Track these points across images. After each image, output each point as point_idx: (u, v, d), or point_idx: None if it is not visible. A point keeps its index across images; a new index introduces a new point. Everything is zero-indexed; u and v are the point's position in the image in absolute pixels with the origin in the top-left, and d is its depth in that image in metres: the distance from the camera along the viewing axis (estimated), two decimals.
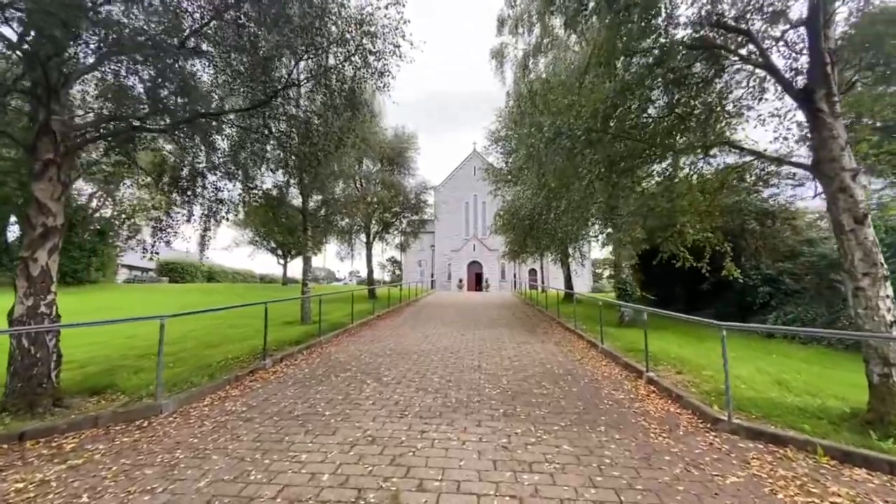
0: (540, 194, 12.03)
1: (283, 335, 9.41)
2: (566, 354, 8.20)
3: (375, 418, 4.51)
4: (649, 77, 5.70)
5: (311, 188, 13.12)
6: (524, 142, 13.26)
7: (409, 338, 9.91)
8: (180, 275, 36.59)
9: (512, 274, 41.80)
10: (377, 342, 9.36)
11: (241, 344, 8.49)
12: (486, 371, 6.70)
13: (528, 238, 16.02)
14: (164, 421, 4.49)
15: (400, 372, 6.58)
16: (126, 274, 40.45)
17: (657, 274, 16.43)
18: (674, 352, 7.92)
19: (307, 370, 6.78)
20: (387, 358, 7.62)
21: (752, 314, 12.20)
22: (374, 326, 11.97)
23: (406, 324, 12.53)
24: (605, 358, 7.90)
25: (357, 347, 8.72)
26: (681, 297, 17.66)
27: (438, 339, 9.65)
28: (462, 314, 15.19)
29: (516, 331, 11.19)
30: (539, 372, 6.70)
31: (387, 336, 10.24)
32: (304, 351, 8.24)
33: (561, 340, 9.78)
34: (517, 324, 12.68)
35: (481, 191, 47.32)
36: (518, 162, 13.77)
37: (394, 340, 9.56)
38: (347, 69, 7.29)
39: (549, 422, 4.47)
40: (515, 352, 8.31)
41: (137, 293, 20.66)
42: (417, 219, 22.69)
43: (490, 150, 20.96)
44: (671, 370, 6.59)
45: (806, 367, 7.58)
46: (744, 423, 4.32)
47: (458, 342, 9.31)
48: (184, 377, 5.89)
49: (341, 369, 6.79)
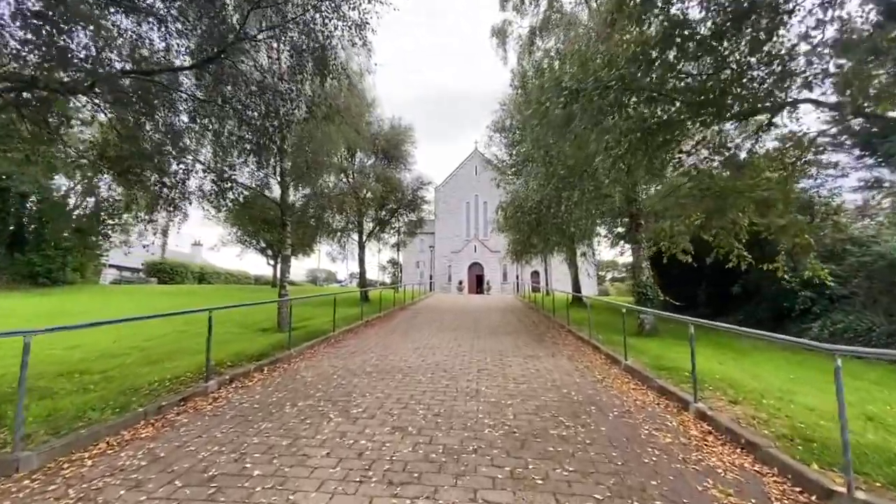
0: (548, 185, 10.60)
1: (247, 346, 8.00)
2: (584, 373, 6.75)
3: (323, 485, 3.08)
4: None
5: (290, 178, 11.73)
6: (529, 124, 11.88)
7: (398, 349, 8.48)
8: (170, 276, 35.22)
9: (515, 276, 40.33)
10: (358, 355, 7.93)
11: (195, 358, 7.07)
12: (486, 398, 5.26)
13: (534, 235, 14.59)
14: (14, 486, 3.07)
15: (376, 400, 5.15)
16: (115, 274, 39.19)
17: (675, 275, 14.98)
18: (716, 370, 6.48)
19: (258, 396, 5.35)
20: (364, 378, 6.19)
21: (790, 322, 10.73)
22: (360, 334, 10.54)
23: (397, 331, 11.10)
24: (631, 378, 6.45)
25: (332, 363, 7.29)
26: (703, 301, 16.20)
27: (431, 352, 8.21)
28: (460, 320, 13.75)
29: (522, 341, 9.75)
30: (554, 400, 5.26)
31: (372, 347, 8.81)
32: (266, 367, 6.81)
33: (575, 353, 8.34)
34: (522, 332, 11.24)
35: (483, 191, 45.95)
36: (524, 148, 12.36)
37: (378, 353, 8.13)
38: (316, 20, 5.89)
39: (577, 492, 3.04)
40: (522, 369, 6.87)
41: (112, 295, 19.30)
42: (415, 217, 21.27)
43: (493, 142, 19.60)
44: (722, 397, 5.15)
45: (888, 393, 6.11)
46: (875, 501, 2.86)
47: (453, 356, 7.87)
48: (90, 406, 4.48)
49: (303, 395, 5.37)
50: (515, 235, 16.29)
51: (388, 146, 19.30)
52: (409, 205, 20.55)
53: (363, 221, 19.64)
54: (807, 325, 9.94)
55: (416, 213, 21.11)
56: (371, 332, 11.05)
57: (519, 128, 17.16)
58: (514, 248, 17.41)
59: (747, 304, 13.17)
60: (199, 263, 41.73)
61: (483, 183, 44.53)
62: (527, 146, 11.50)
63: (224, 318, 12.40)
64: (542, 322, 13.68)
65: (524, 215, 12.76)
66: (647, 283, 10.49)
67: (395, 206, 20.43)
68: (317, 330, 10.14)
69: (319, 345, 8.92)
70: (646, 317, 10.40)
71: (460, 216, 45.49)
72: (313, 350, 8.40)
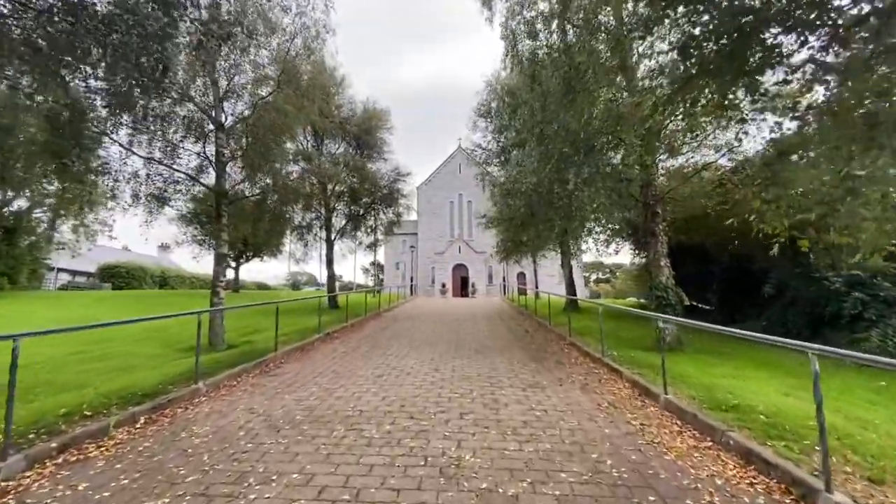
0: (548, 164, 8.60)
1: (148, 376, 5.76)
2: (611, 415, 4.72)
3: None
4: None
5: (227, 160, 9.45)
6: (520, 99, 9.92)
7: (353, 378, 6.32)
8: (125, 280, 32.10)
9: (501, 278, 38.45)
10: (295, 389, 5.74)
11: (58, 399, 4.78)
12: (472, 481, 3.17)
13: (524, 231, 12.59)
14: None
15: (285, 492, 3.01)
16: (65, 279, 35.70)
17: (681, 275, 13.23)
18: (797, 409, 4.51)
19: (86, 487, 3.13)
20: (284, 437, 4.03)
21: (832, 330, 8.95)
22: (310, 354, 8.32)
23: (361, 348, 8.92)
24: (682, 424, 4.45)
25: (252, 404, 5.09)
26: (714, 305, 14.48)
27: (397, 382, 6.08)
28: (441, 330, 11.63)
29: (517, 360, 7.69)
30: (584, 480, 3.20)
31: (319, 373, 6.62)
32: (146, 416, 4.57)
33: (589, 379, 6.32)
34: (516, 346, 9.19)
35: (467, 189, 43.92)
36: (517, 125, 10.35)
37: (324, 384, 5.95)
38: None
39: None
40: (523, 411, 4.80)
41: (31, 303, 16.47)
42: (392, 213, 19.07)
43: (477, 128, 17.56)
44: (854, 471, 3.19)
45: None
46: None
47: (427, 388, 5.76)
48: None
49: (166, 481, 3.18)
50: (506, 231, 14.27)
51: (358, 131, 17.08)
52: (385, 199, 18.35)
53: (332, 217, 17.35)
54: (860, 335, 8.16)
55: (393, 209, 18.90)
56: (327, 349, 8.84)
57: (508, 108, 15.21)
58: (504, 245, 15.39)
59: (772, 308, 11.42)
60: (162, 267, 38.54)
61: (468, 181, 42.53)
62: (522, 119, 9.49)
63: (145, 334, 10.03)
64: (537, 331, 11.67)
65: (519, 198, 10.62)
66: (668, 284, 8.58)
67: (369, 201, 18.20)
68: (254, 351, 7.90)
69: (249, 372, 6.69)
70: (666, 327, 8.47)
71: (444, 216, 43.45)
72: (235, 382, 6.16)
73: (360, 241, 21.07)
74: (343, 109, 17.56)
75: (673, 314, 8.44)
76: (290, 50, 10.00)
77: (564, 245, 15.49)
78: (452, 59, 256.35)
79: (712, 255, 12.72)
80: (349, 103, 17.48)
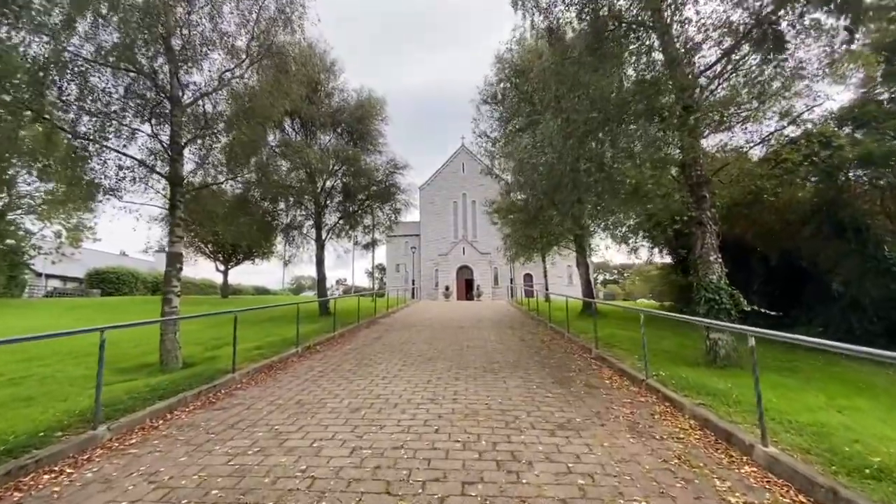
0: (570, 139, 6.99)
1: (30, 417, 4.21)
2: (689, 482, 3.10)
3: None
4: None
5: (185, 144, 7.94)
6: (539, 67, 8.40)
7: (316, 416, 4.72)
8: (115, 286, 30.82)
9: (508, 279, 36.77)
10: (230, 437, 4.15)
11: None
12: None
13: (547, 209, 10.87)
14: None
15: None
16: (58, 284, 34.46)
17: None
18: None
19: None
20: None
21: None
22: (277, 375, 6.74)
23: (342, 366, 7.34)
24: (810, 500, 2.82)
25: (154, 467, 3.50)
26: (766, 306, 12.75)
27: (376, 422, 4.48)
28: (442, 341, 10.03)
29: (536, 382, 6.07)
30: None
31: (276, 408, 5.03)
32: None
33: (636, 413, 4.68)
34: (533, 362, 7.55)
35: (471, 189, 42.32)
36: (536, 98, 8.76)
37: (277, 427, 4.36)
38: None
39: None
40: (556, 477, 3.18)
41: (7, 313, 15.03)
42: (389, 210, 17.51)
43: (481, 115, 15.95)
44: None
45: None
46: None
47: (416, 433, 4.15)
48: None
49: None
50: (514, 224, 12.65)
51: (352, 120, 15.53)
52: (381, 195, 16.78)
53: (323, 214, 15.81)
54: None
55: (390, 205, 17.33)
56: (302, 368, 7.27)
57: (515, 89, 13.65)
58: (516, 238, 13.76)
59: (828, 310, 9.74)
60: (157, 272, 37.21)
61: (471, 180, 41.01)
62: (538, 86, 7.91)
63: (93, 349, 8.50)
64: (553, 341, 10.03)
65: (541, 177, 8.85)
66: (720, 285, 6.93)
67: (363, 197, 16.65)
68: (217, 370, 6.36)
69: (187, 404, 5.12)
70: (720, 337, 6.83)
71: (447, 216, 41.91)
72: (159, 421, 4.59)
73: (357, 241, 19.57)
74: (334, 98, 16.09)
75: (728, 321, 6.79)
76: (259, 15, 8.51)
77: (582, 238, 13.85)
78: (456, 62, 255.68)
79: (755, 249, 11.01)
80: (341, 91, 15.99)
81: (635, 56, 7.70)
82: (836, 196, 8.73)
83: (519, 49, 14.79)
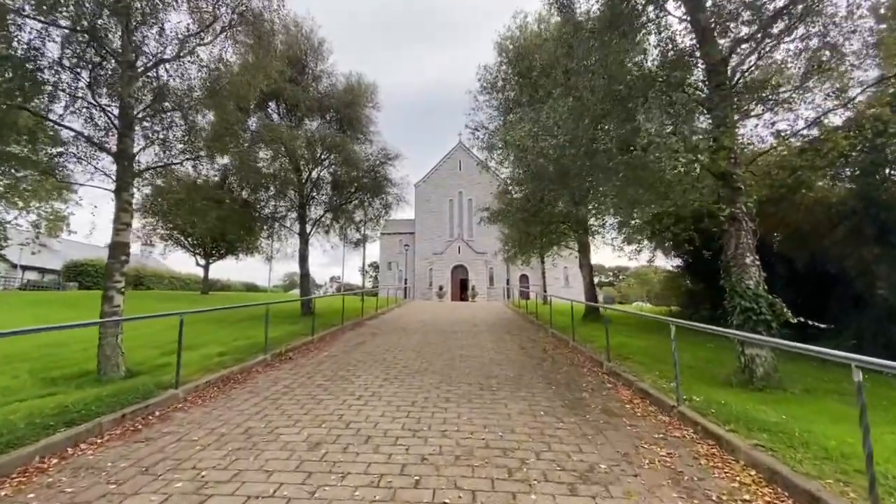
0: (581, 120, 5.94)
1: None
2: None
3: None
4: None
5: (142, 112, 6.80)
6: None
7: (262, 456, 3.63)
8: (94, 279, 29.35)
9: (505, 280, 35.77)
10: (138, 492, 3.06)
11: None
12: None
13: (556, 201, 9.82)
14: None
15: None
16: (35, 276, 32.97)
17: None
18: None
19: None
20: None
21: None
22: (232, 391, 5.64)
23: (312, 379, 6.24)
24: None
25: None
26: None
27: (339, 467, 3.40)
28: (432, 349, 8.96)
29: (543, 407, 5.02)
30: None
31: (214, 441, 3.94)
32: None
33: (674, 456, 3.64)
34: (537, 378, 6.49)
35: (467, 187, 41.25)
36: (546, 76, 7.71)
37: (203, 477, 3.27)
38: None
39: None
40: None
41: None
42: (380, 202, 16.37)
43: (480, 106, 14.87)
44: None
45: None
46: None
47: (388, 486, 3.08)
48: None
49: None
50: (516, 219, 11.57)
51: (340, 105, 14.38)
52: (371, 187, 15.65)
53: (307, 206, 14.66)
54: None
55: (381, 199, 16.21)
56: (265, 381, 6.17)
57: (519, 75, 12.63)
58: (517, 236, 12.74)
59: (859, 320, 8.81)
60: (140, 265, 35.78)
61: (468, 178, 39.95)
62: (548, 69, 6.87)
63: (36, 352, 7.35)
64: (556, 349, 9.00)
65: (546, 165, 7.82)
66: (759, 291, 5.93)
67: (352, 190, 15.51)
68: (160, 382, 5.26)
69: (100, 434, 4.01)
70: (758, 353, 5.82)
71: (443, 215, 40.80)
72: (50, 462, 3.48)
73: (346, 236, 18.39)
74: (322, 82, 14.95)
75: (767, 333, 5.80)
76: None
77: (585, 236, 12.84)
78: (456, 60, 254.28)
79: (780, 251, 10.04)
80: (329, 75, 14.84)
81: (657, 27, 6.69)
82: (878, 195, 7.75)
83: (520, 35, 13.84)
